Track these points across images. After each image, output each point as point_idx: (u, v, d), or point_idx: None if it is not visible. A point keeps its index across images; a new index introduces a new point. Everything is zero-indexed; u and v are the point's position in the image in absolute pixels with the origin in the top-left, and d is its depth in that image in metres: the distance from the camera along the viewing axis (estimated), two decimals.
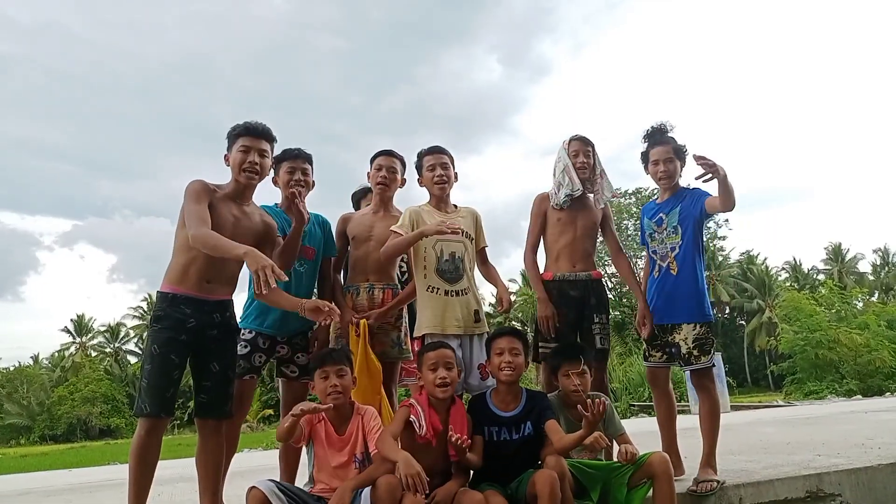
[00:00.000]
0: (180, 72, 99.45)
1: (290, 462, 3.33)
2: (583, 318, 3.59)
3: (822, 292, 28.91)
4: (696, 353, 3.36)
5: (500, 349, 2.93)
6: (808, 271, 50.33)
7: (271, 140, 3.08)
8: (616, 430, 2.99)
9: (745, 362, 44.46)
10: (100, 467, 11.39)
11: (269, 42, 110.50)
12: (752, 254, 48.92)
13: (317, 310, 2.93)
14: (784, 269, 50.86)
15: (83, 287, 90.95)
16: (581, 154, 3.68)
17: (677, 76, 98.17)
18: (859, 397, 17.71)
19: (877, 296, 44.31)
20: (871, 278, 48.83)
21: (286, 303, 3.07)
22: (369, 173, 3.64)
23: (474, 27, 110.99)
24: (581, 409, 2.57)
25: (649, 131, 3.63)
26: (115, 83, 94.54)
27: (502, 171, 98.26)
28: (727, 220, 40.99)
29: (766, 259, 49.48)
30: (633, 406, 21.90)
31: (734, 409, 14.07)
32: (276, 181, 3.47)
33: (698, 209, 3.43)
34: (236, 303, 3.10)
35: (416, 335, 3.35)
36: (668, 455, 2.86)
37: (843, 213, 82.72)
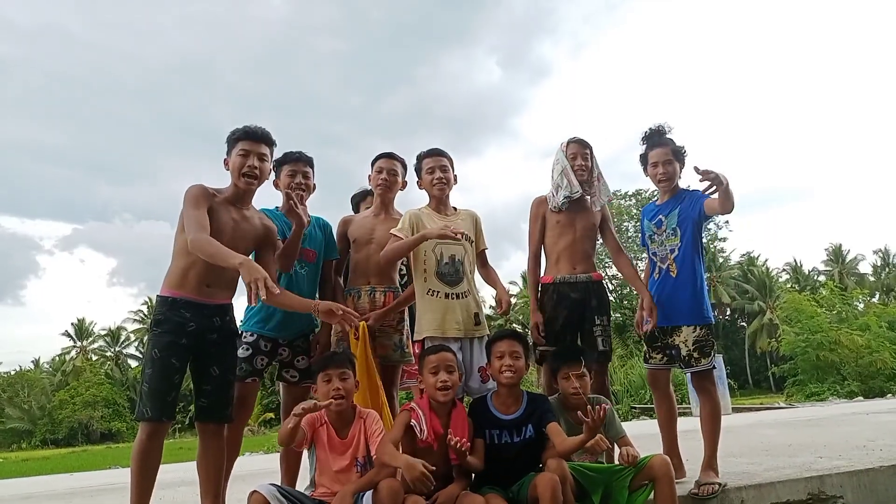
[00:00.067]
0: (180, 73, 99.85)
1: (291, 466, 3.32)
2: (584, 320, 3.58)
3: (823, 294, 28.89)
4: (696, 355, 3.35)
5: (501, 352, 2.92)
6: (809, 272, 50.34)
7: (271, 144, 3.08)
8: (617, 432, 2.98)
9: (746, 364, 44.42)
10: (101, 471, 11.37)
11: (269, 43, 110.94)
12: (752, 255, 48.98)
13: (330, 312, 2.94)
14: (785, 270, 50.94)
15: (84, 291, 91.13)
16: (579, 157, 3.67)
17: (677, 77, 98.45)
18: (861, 399, 17.66)
19: (877, 297, 44.31)
20: (872, 279, 48.84)
21: (298, 304, 3.08)
22: (370, 176, 3.65)
23: (474, 28, 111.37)
24: (581, 415, 2.57)
25: (647, 133, 3.61)
26: (114, 85, 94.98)
27: (502, 173, 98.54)
28: (727, 222, 41.03)
29: (766, 260, 49.64)
30: (635, 408, 21.88)
31: (735, 410, 14.04)
32: (277, 184, 3.47)
33: (697, 211, 3.42)
34: (237, 306, 3.11)
35: (417, 338, 3.34)
36: (669, 457, 2.85)
37: (843, 214, 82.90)
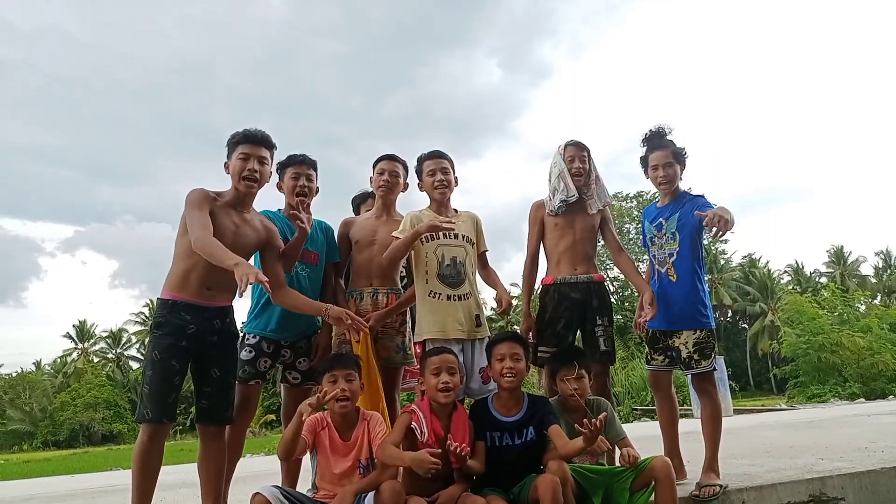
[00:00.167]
0: (180, 74, 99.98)
1: (292, 468, 3.31)
2: (585, 321, 3.58)
3: (825, 295, 28.81)
4: (696, 357, 3.34)
5: (501, 355, 2.92)
6: (811, 274, 50.27)
7: (271, 147, 3.09)
8: (617, 434, 2.97)
9: (747, 366, 44.36)
10: (102, 473, 11.37)
11: (269, 44, 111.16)
12: (753, 257, 48.97)
13: (339, 319, 2.96)
14: (786, 272, 50.86)
15: (85, 293, 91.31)
16: (577, 159, 3.67)
17: (678, 77, 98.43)
18: (862, 400, 17.63)
19: (879, 299, 44.21)
20: (874, 281, 48.74)
21: (309, 307, 3.10)
22: (371, 178, 3.65)
23: (474, 30, 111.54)
24: (579, 427, 2.56)
25: (648, 135, 3.60)
26: (114, 86, 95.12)
27: (503, 175, 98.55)
28: None
29: (768, 262, 49.62)
30: (636, 410, 21.83)
31: (737, 412, 14.02)
32: (280, 186, 3.48)
33: (697, 219, 3.36)
34: (237, 309, 3.11)
35: (417, 340, 3.35)
36: (669, 459, 2.85)
37: (845, 215, 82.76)
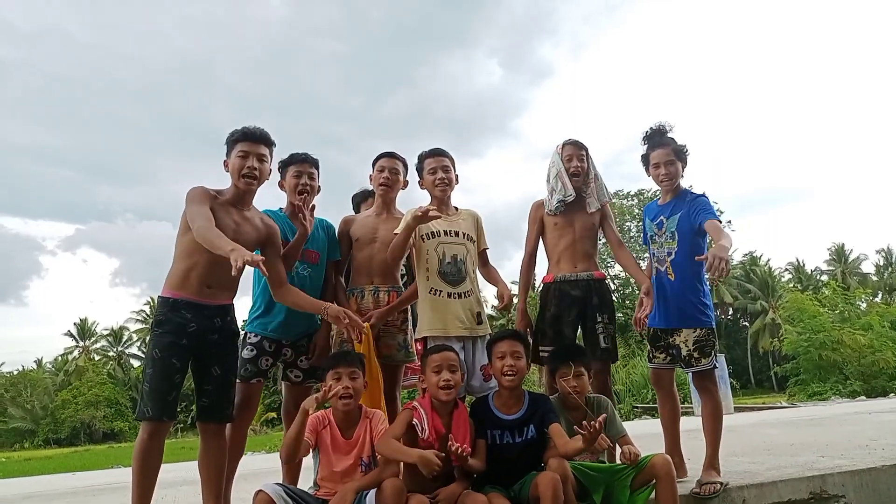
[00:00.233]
0: (180, 74, 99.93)
1: (293, 465, 3.31)
2: (586, 318, 3.59)
3: (826, 293, 28.84)
4: (696, 355, 3.34)
5: (502, 353, 2.91)
6: (812, 272, 50.22)
7: (270, 144, 3.09)
8: (618, 431, 2.98)
9: (748, 364, 44.35)
10: (103, 471, 11.39)
11: (269, 44, 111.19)
12: (755, 255, 48.85)
13: (338, 318, 2.96)
14: (787, 270, 50.80)
15: (86, 291, 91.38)
16: (575, 158, 3.67)
17: (678, 76, 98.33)
18: (863, 398, 17.62)
19: (880, 296, 44.17)
20: (875, 279, 48.70)
21: (309, 305, 3.10)
22: (371, 175, 3.64)
23: (474, 30, 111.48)
24: (578, 429, 2.55)
25: (648, 133, 3.58)
26: (115, 87, 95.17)
27: (503, 174, 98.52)
28: (730, 222, 40.94)
29: (769, 260, 49.50)
30: (637, 408, 21.85)
31: (738, 410, 14.00)
32: (282, 185, 3.48)
33: (697, 223, 3.34)
34: (238, 307, 3.11)
35: (418, 337, 3.35)
36: (670, 457, 2.85)
37: (846, 213, 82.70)
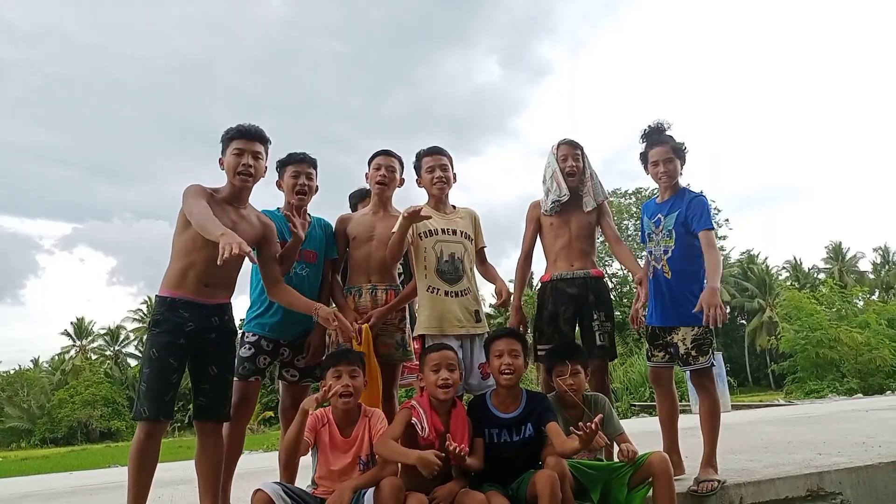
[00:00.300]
0: (180, 74, 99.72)
1: (291, 464, 3.31)
2: (582, 316, 3.59)
3: (823, 291, 28.85)
4: (693, 353, 3.34)
5: (500, 351, 2.91)
6: (809, 270, 50.32)
7: (265, 141, 3.08)
8: (615, 429, 2.98)
9: (745, 361, 44.43)
10: (100, 470, 11.38)
11: (269, 44, 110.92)
12: (752, 253, 48.91)
13: (327, 320, 2.96)
14: (784, 268, 50.90)
15: (83, 290, 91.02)
16: (570, 157, 3.67)
17: (677, 75, 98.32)
18: (860, 396, 17.65)
19: (877, 294, 44.26)
20: (872, 277, 48.82)
21: (300, 304, 3.09)
22: (367, 173, 3.63)
23: (473, 29, 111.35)
24: (574, 430, 2.56)
25: (647, 131, 3.58)
26: (114, 86, 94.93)
27: (502, 173, 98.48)
28: (727, 220, 41.04)
29: (766, 258, 49.53)
30: (634, 406, 21.85)
31: (735, 408, 14.02)
32: (279, 185, 3.48)
33: (692, 228, 3.35)
34: (236, 306, 3.10)
35: (415, 335, 3.35)
36: (667, 455, 2.86)
37: (843, 211, 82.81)
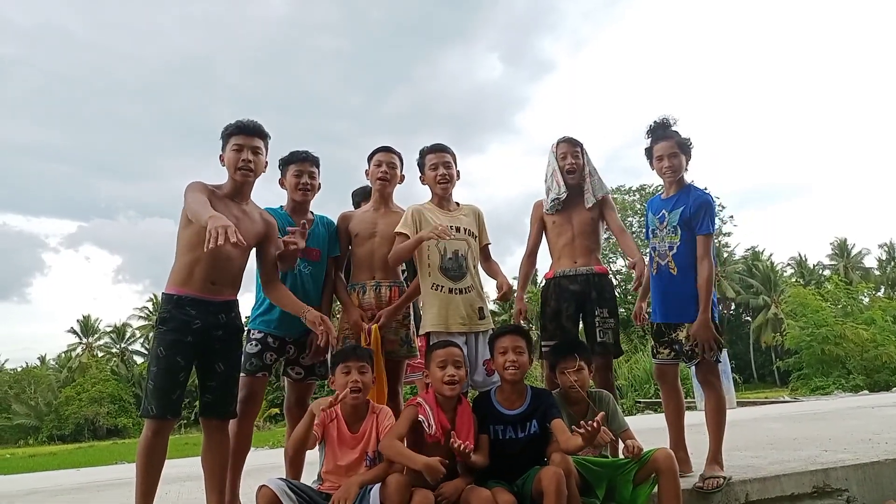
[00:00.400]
0: (181, 73, 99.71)
1: (296, 460, 3.32)
2: (585, 313, 3.59)
3: (828, 288, 28.75)
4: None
5: (504, 348, 2.91)
6: (814, 267, 50.12)
7: (264, 136, 3.09)
8: (619, 426, 2.98)
9: (750, 358, 44.34)
10: (107, 466, 11.40)
11: (269, 43, 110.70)
12: (757, 250, 48.83)
13: (314, 324, 2.97)
14: (789, 264, 50.72)
15: (89, 288, 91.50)
16: (569, 156, 3.68)
17: (678, 71, 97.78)
18: (866, 392, 17.61)
19: (883, 291, 44.05)
20: (877, 273, 48.59)
21: (291, 305, 3.09)
22: (367, 170, 3.63)
23: (475, 26, 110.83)
24: (576, 428, 2.56)
25: (652, 126, 3.56)
26: (116, 85, 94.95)
27: (505, 169, 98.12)
28: (732, 217, 40.95)
29: (771, 255, 49.42)
30: (639, 403, 21.83)
31: (740, 405, 13.97)
32: (282, 183, 3.48)
33: (695, 226, 3.34)
34: (242, 302, 3.11)
35: (421, 333, 3.35)
36: (673, 451, 2.85)
37: (848, 208, 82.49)
